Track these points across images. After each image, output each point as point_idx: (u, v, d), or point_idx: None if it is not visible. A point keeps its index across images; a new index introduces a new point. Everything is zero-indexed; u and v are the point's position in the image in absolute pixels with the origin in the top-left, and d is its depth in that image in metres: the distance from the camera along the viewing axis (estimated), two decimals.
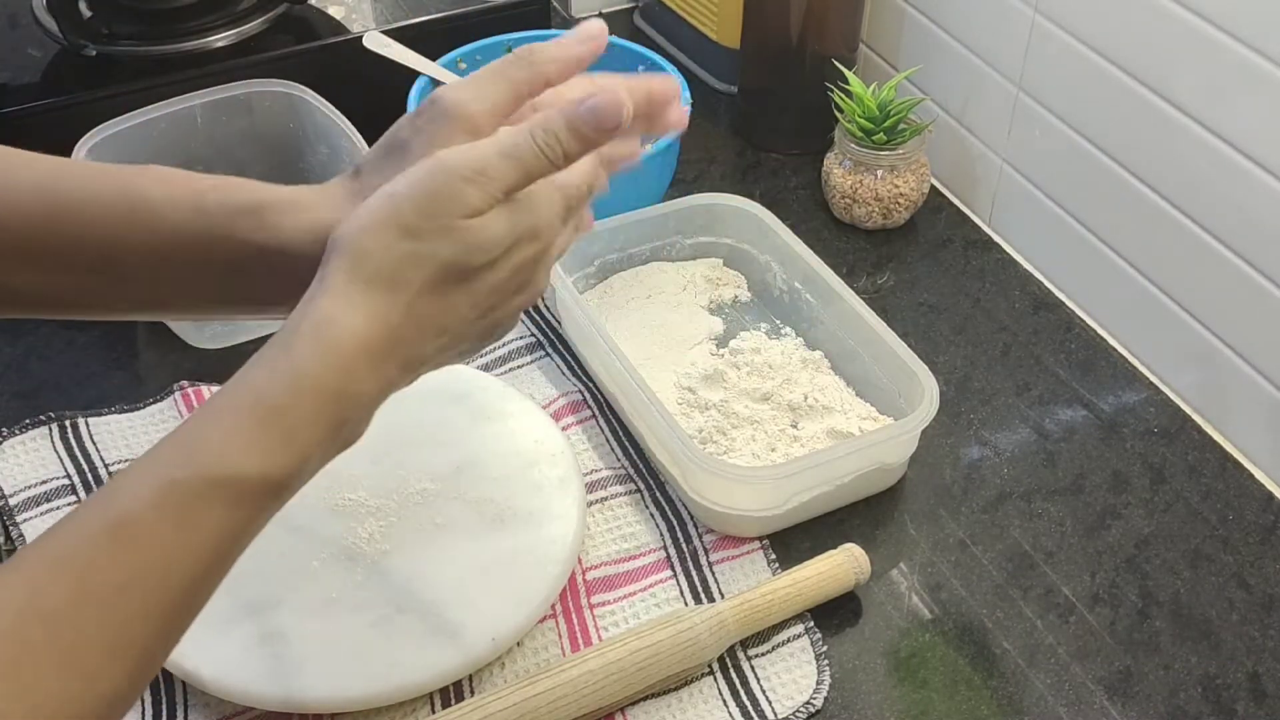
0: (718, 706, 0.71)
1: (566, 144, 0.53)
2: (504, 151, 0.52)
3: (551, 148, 0.53)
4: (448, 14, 1.11)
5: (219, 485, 0.48)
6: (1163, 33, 0.84)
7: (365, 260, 0.50)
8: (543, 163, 0.53)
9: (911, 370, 0.82)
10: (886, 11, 1.12)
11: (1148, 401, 0.91)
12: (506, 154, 0.52)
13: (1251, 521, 0.83)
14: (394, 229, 0.51)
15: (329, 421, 0.50)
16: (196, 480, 0.47)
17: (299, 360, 0.49)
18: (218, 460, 0.48)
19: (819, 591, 0.75)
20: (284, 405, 0.49)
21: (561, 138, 0.53)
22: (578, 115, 0.53)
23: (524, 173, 0.53)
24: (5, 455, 0.84)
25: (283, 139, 1.00)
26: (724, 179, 1.11)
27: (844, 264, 1.02)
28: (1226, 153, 0.82)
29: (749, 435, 0.84)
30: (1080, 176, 0.95)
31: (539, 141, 0.52)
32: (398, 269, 0.51)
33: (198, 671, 0.69)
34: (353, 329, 0.50)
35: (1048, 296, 1.00)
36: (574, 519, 0.77)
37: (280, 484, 0.49)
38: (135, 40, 1.05)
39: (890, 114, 1.00)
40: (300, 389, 0.49)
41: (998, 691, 0.73)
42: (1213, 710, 0.72)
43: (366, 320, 0.50)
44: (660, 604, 0.76)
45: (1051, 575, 0.79)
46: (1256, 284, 0.83)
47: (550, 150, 0.53)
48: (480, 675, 0.72)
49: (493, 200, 0.52)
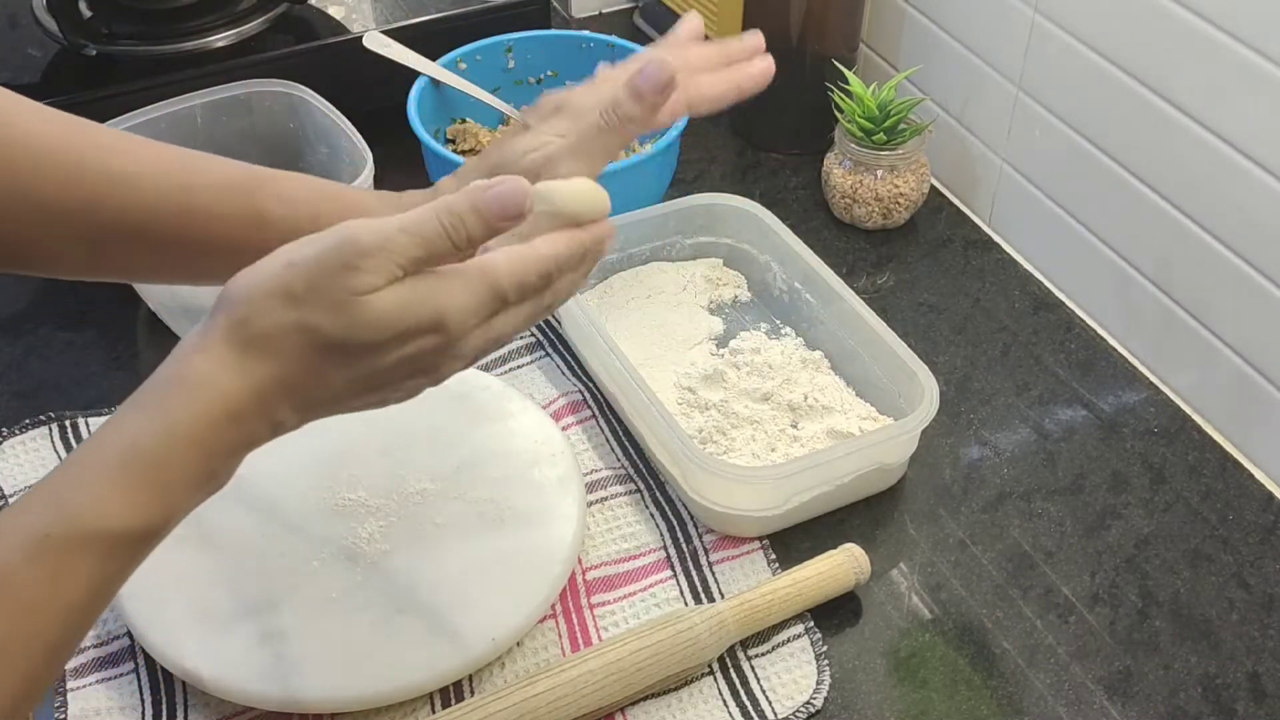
0: (718, 706, 0.71)
1: (471, 227, 0.51)
2: (405, 227, 0.51)
3: (455, 230, 0.51)
4: (448, 14, 1.11)
5: (92, 539, 0.49)
6: (1163, 33, 0.84)
7: (246, 324, 0.50)
8: (445, 244, 0.51)
9: (911, 370, 0.82)
10: (886, 11, 1.12)
11: (1148, 401, 0.91)
12: (407, 230, 0.50)
13: (1251, 521, 0.83)
14: (279, 295, 0.50)
15: (199, 473, 0.51)
16: (70, 535, 0.48)
17: (173, 417, 0.50)
18: (91, 515, 0.49)
19: (819, 591, 0.75)
20: (158, 460, 0.50)
21: (467, 220, 0.51)
22: (483, 200, 0.51)
23: (426, 251, 0.51)
24: (5, 455, 0.84)
25: (283, 139, 1.00)
26: (724, 179, 1.11)
27: (844, 264, 1.02)
28: (1226, 153, 0.82)
29: (749, 435, 0.84)
30: (1080, 176, 0.95)
31: (444, 222, 0.51)
32: (274, 336, 0.50)
33: (198, 671, 0.69)
34: (223, 390, 0.50)
35: (1048, 296, 1.00)
36: (574, 519, 0.77)
37: (152, 533, 0.51)
38: (135, 40, 1.05)
39: (890, 114, 1.00)
40: (173, 445, 0.50)
41: (998, 691, 0.73)
42: (1213, 710, 0.72)
43: (238, 381, 0.50)
44: (660, 604, 0.76)
45: (1051, 575, 0.79)
46: (1256, 284, 0.83)
47: (454, 232, 0.51)
48: (480, 675, 0.72)
49: (389, 277, 0.50)
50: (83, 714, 0.70)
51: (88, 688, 0.71)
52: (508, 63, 1.08)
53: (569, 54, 1.08)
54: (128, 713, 0.70)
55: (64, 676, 0.71)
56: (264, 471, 0.74)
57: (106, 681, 0.72)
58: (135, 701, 0.71)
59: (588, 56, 1.07)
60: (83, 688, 0.71)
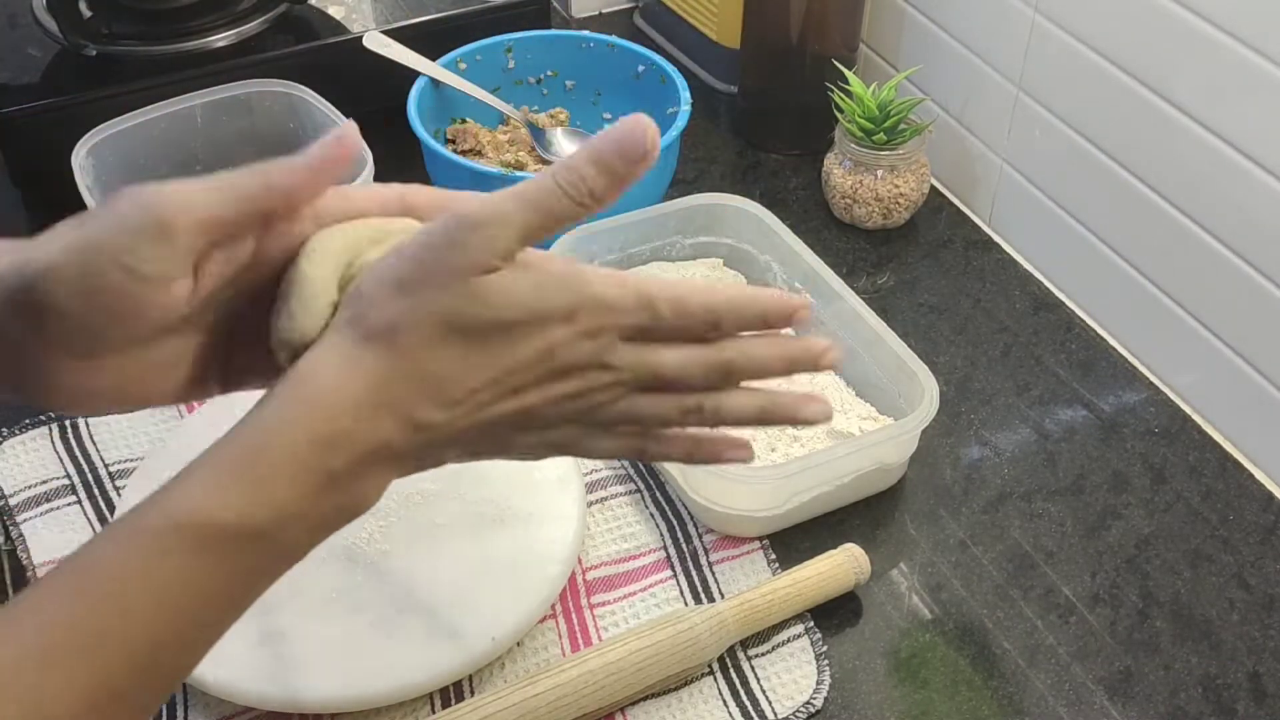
0: (718, 706, 0.71)
1: (590, 179, 0.47)
2: (518, 193, 0.47)
3: (574, 185, 0.47)
4: (448, 14, 1.11)
5: (182, 530, 0.46)
6: (1163, 33, 0.84)
7: (363, 317, 0.48)
8: (565, 203, 0.47)
9: (911, 370, 0.82)
10: (886, 11, 1.12)
11: (1148, 401, 0.91)
12: (521, 194, 0.47)
13: (1251, 521, 0.83)
14: (392, 284, 0.48)
15: (310, 470, 0.47)
16: (161, 525, 0.46)
17: (275, 408, 0.47)
18: (180, 505, 0.46)
19: (819, 591, 0.75)
20: (255, 450, 0.47)
21: (584, 172, 0.47)
22: (600, 144, 0.47)
23: (542, 215, 0.48)
24: (5, 455, 0.84)
25: (283, 139, 1.01)
26: (724, 179, 1.11)
27: (844, 264, 1.02)
28: (1226, 153, 0.82)
29: (749, 435, 0.83)
30: (1080, 176, 0.95)
31: (559, 180, 0.47)
32: (393, 324, 0.48)
33: (198, 671, 0.69)
34: (336, 380, 0.47)
35: (1048, 296, 1.00)
36: (574, 519, 0.77)
37: (254, 533, 0.46)
38: (135, 40, 1.05)
39: (890, 114, 1.00)
40: (270, 434, 0.47)
41: (998, 691, 0.73)
42: (1213, 710, 0.72)
43: (353, 372, 0.47)
44: (660, 604, 0.76)
45: (1052, 575, 0.79)
46: (1256, 284, 0.83)
47: (573, 188, 0.47)
48: (480, 675, 0.72)
49: (505, 250, 0.47)
50: None
51: None
52: (508, 63, 1.08)
53: (569, 54, 1.08)
54: None
55: None
56: None
57: None
58: None
59: (588, 56, 1.07)
60: None
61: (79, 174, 0.90)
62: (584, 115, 1.09)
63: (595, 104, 1.09)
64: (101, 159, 0.94)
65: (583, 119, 1.08)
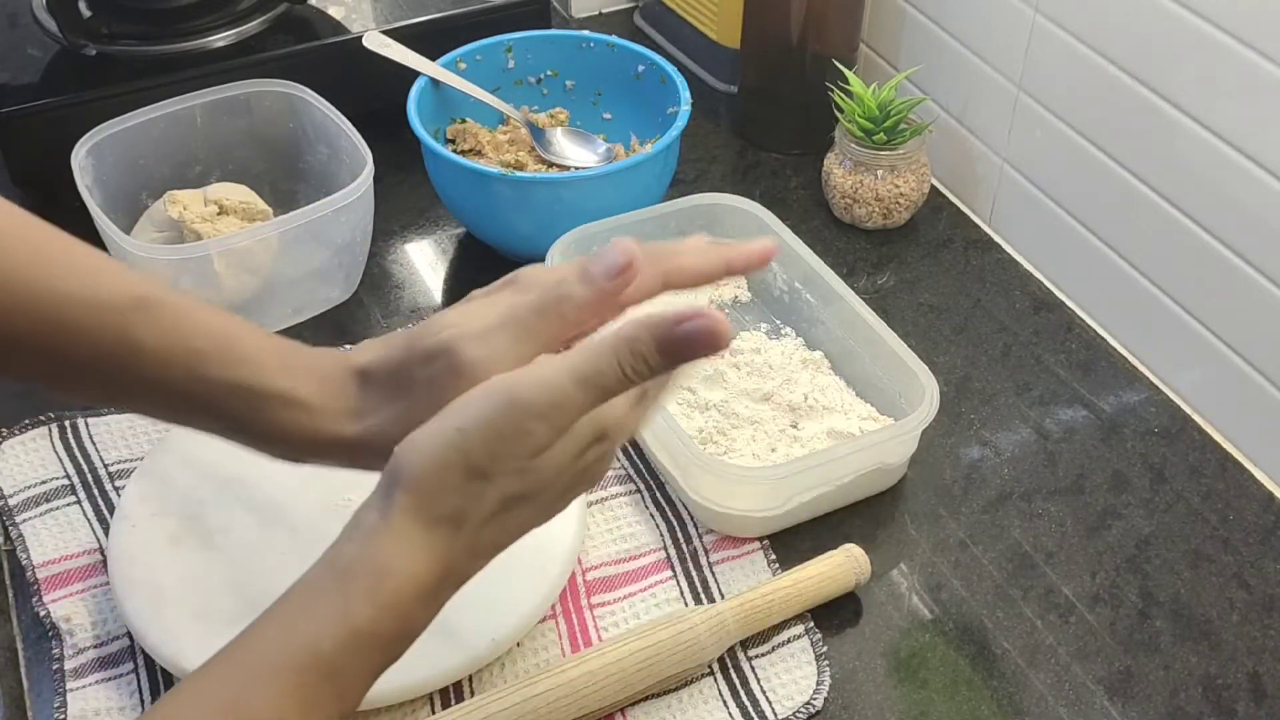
0: (718, 707, 0.71)
1: (656, 366, 0.49)
2: (583, 378, 0.49)
3: (639, 371, 0.49)
4: (448, 14, 1.11)
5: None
6: (1163, 33, 0.84)
7: (431, 502, 0.50)
8: (625, 386, 0.49)
9: (911, 370, 0.82)
10: (886, 11, 1.12)
11: (1148, 401, 0.91)
12: (586, 381, 0.49)
13: (1251, 521, 0.83)
14: (460, 470, 0.49)
15: (385, 662, 0.51)
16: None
17: (358, 617, 0.49)
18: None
19: (819, 592, 0.75)
20: (342, 664, 0.49)
21: (651, 362, 0.49)
22: (674, 338, 0.48)
23: (605, 398, 0.50)
24: (5, 455, 0.84)
25: (283, 139, 1.01)
26: (724, 179, 1.11)
27: (844, 264, 1.02)
28: (1226, 152, 0.82)
29: (749, 435, 0.84)
30: (1080, 176, 0.95)
31: (625, 366, 0.49)
32: (462, 508, 0.50)
33: None
34: (413, 575, 0.50)
35: (1048, 296, 1.00)
36: (574, 519, 0.77)
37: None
38: (135, 40, 1.05)
39: (890, 114, 1.00)
40: (359, 646, 0.49)
41: (998, 692, 0.73)
42: (1213, 710, 0.72)
43: (427, 562, 0.50)
44: (660, 604, 0.76)
45: (1052, 575, 0.79)
46: (1256, 284, 0.83)
47: (637, 374, 0.49)
48: (480, 675, 0.72)
49: (564, 430, 0.50)
50: (82, 714, 0.70)
51: (87, 688, 0.71)
52: (508, 63, 1.07)
53: (569, 54, 1.08)
54: (128, 713, 0.70)
55: (64, 676, 0.72)
56: (264, 472, 0.74)
57: (106, 681, 0.72)
58: (135, 701, 0.71)
59: (588, 56, 1.07)
60: (82, 688, 0.71)
61: (79, 174, 0.90)
62: (584, 115, 1.09)
63: (595, 104, 1.09)
64: (101, 159, 0.94)
65: (583, 119, 1.08)
